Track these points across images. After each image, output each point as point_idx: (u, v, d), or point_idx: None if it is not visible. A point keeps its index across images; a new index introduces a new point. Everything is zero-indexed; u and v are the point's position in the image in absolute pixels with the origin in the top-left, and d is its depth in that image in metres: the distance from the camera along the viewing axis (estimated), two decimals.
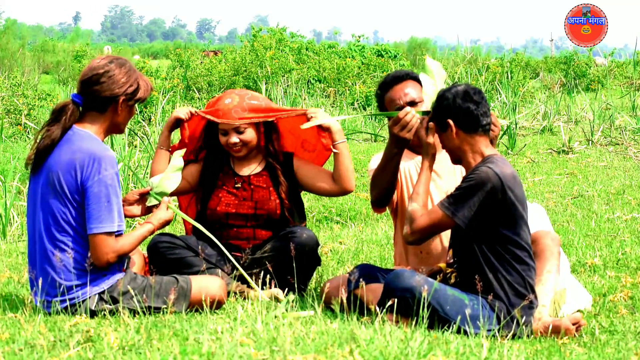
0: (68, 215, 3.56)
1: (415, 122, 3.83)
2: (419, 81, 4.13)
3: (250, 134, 4.32)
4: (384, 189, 4.04)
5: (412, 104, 4.06)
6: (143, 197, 3.98)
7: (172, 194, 4.14)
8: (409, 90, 4.11)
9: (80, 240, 3.57)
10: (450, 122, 3.64)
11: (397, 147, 3.92)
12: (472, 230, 3.56)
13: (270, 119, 4.33)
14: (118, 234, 3.61)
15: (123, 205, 3.85)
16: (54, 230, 3.57)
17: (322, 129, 4.37)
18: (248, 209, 4.36)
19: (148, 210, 4.00)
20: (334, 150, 4.31)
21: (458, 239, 3.66)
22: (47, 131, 3.61)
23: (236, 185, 4.40)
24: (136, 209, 3.96)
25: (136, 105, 3.73)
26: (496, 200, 3.53)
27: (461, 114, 3.63)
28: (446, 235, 4.03)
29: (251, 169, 4.44)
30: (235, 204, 4.37)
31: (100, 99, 3.62)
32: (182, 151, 4.20)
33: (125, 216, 3.90)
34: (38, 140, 3.63)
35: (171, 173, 4.07)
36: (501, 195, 3.53)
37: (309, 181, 4.41)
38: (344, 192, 4.36)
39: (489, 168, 3.55)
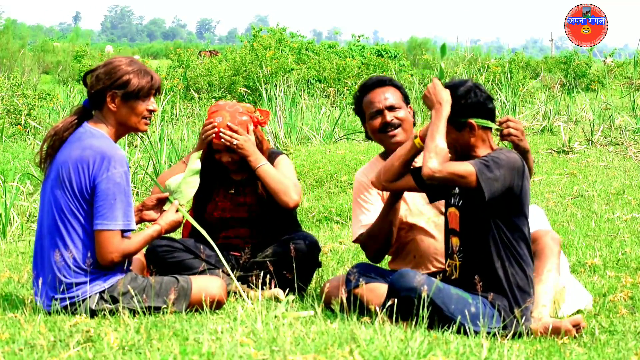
0: (75, 211, 3.58)
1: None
2: (399, 88, 4.19)
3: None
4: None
5: (391, 108, 4.13)
6: (161, 202, 3.95)
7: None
8: (389, 95, 4.15)
9: (85, 238, 3.59)
10: (473, 122, 3.56)
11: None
12: (488, 215, 3.52)
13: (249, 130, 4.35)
14: (126, 234, 3.62)
15: (141, 210, 3.87)
16: (60, 226, 3.58)
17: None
18: (243, 212, 4.43)
19: None
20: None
21: (470, 226, 3.59)
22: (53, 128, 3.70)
23: (230, 192, 4.45)
24: (154, 214, 3.94)
25: (143, 101, 3.68)
26: (516, 184, 3.51)
27: (483, 112, 3.58)
28: (440, 232, 4.00)
29: (244, 174, 4.46)
30: (230, 209, 4.44)
31: (92, 96, 3.69)
32: (199, 153, 4.15)
33: (144, 220, 3.92)
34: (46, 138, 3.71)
35: (189, 177, 4.00)
36: (521, 181, 3.53)
37: None
38: (285, 206, 4.29)
39: (511, 152, 3.53)
